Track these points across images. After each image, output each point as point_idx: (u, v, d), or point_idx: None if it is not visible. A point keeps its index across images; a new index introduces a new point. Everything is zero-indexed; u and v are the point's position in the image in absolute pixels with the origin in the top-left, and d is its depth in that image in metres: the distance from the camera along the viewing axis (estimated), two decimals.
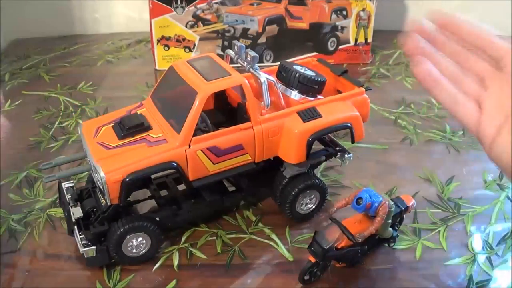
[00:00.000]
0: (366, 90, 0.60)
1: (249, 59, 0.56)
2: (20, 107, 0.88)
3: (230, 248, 0.58)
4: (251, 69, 0.57)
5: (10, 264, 0.56)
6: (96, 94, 0.92)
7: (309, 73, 0.59)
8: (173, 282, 0.53)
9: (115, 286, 0.53)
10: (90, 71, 1.02)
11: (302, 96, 0.58)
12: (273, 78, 0.57)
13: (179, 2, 0.96)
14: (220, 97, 0.61)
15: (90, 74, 1.00)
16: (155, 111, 0.56)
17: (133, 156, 0.51)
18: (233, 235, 0.60)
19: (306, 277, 0.52)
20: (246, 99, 0.54)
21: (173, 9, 0.97)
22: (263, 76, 0.55)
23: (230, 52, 0.60)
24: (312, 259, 0.51)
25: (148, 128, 0.54)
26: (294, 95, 0.59)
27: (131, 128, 0.53)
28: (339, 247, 0.51)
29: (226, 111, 0.61)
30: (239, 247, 0.58)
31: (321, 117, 0.55)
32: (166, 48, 1.00)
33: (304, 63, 0.63)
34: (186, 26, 0.99)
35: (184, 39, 1.00)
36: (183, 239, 0.59)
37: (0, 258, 0.50)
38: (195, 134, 0.52)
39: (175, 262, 0.56)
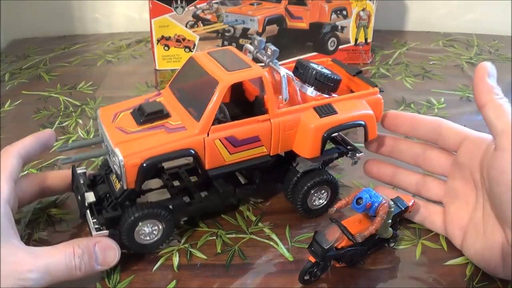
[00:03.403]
0: (380, 91, 0.61)
1: (269, 53, 0.58)
2: (20, 107, 0.89)
3: (230, 248, 0.58)
4: (270, 63, 0.58)
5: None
6: (96, 94, 0.92)
7: (326, 71, 0.59)
8: (173, 283, 0.53)
9: (115, 286, 0.53)
10: (90, 71, 1.02)
11: (318, 93, 0.59)
12: (291, 74, 0.58)
13: (179, 2, 0.96)
14: (237, 90, 0.62)
15: (90, 74, 1.00)
16: (174, 100, 0.57)
17: (152, 141, 0.52)
18: (233, 235, 0.60)
19: (306, 277, 0.52)
20: (265, 92, 0.54)
21: (173, 9, 0.97)
22: (283, 70, 0.56)
23: (249, 47, 0.61)
24: (312, 259, 0.51)
25: (167, 115, 0.55)
26: (310, 91, 0.59)
27: (150, 114, 0.54)
28: (339, 247, 0.51)
29: (242, 104, 0.61)
30: (239, 247, 0.58)
31: (337, 113, 0.56)
32: (166, 48, 1.00)
33: (318, 63, 0.64)
34: (186, 26, 0.99)
35: (184, 39, 1.00)
36: (183, 240, 0.59)
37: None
38: (212, 124, 0.53)
39: (175, 262, 0.56)
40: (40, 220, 0.62)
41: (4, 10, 1.16)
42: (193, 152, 0.52)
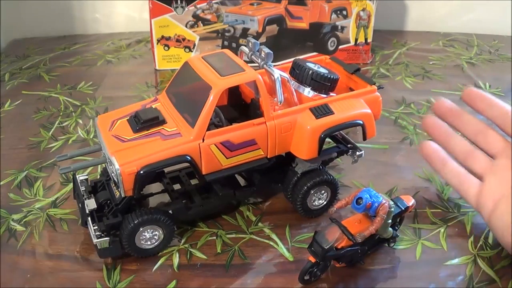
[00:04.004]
0: (378, 88, 0.61)
1: (263, 56, 0.57)
2: (20, 107, 0.88)
3: (230, 248, 0.58)
4: (265, 66, 0.58)
5: (10, 264, 0.56)
6: (96, 94, 0.92)
7: (322, 70, 0.59)
8: (173, 283, 0.53)
9: (115, 286, 0.53)
10: (90, 71, 1.02)
11: (315, 93, 0.59)
12: (286, 75, 0.58)
13: (179, 2, 0.96)
14: (234, 93, 0.62)
15: (90, 74, 1.00)
16: (170, 106, 0.57)
17: (147, 149, 0.52)
18: (233, 235, 0.60)
19: (306, 277, 0.52)
20: (260, 95, 0.54)
21: (173, 9, 0.97)
22: (277, 73, 0.56)
23: (245, 49, 0.61)
24: (312, 259, 0.51)
25: (162, 122, 0.55)
26: (307, 92, 0.59)
27: (146, 121, 0.54)
28: (339, 247, 0.51)
29: (240, 107, 0.62)
30: (239, 247, 0.58)
31: (334, 113, 0.56)
32: (166, 48, 1.00)
33: (317, 61, 0.64)
34: (186, 26, 0.99)
35: (184, 39, 1.00)
36: (183, 240, 0.59)
37: (0, 258, 0.50)
38: (208, 129, 0.53)
39: (175, 263, 0.56)
40: (40, 220, 0.62)
41: (4, 10, 1.16)
42: (189, 158, 0.52)
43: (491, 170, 0.58)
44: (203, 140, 0.53)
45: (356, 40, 1.03)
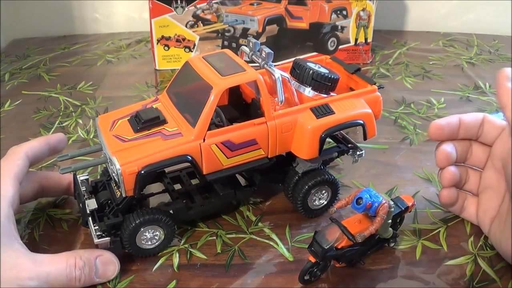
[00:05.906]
0: (378, 88, 0.61)
1: (264, 56, 0.57)
2: (20, 107, 0.88)
3: (230, 248, 0.58)
4: (265, 66, 0.58)
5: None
6: (96, 94, 0.92)
7: (323, 70, 0.59)
8: (173, 283, 0.53)
9: (115, 286, 0.53)
10: (90, 71, 1.02)
11: (316, 93, 0.59)
12: (287, 75, 0.58)
13: (179, 2, 0.96)
14: (234, 93, 0.62)
15: (90, 74, 1.00)
16: (171, 106, 0.57)
17: (148, 149, 0.52)
18: (233, 235, 0.60)
19: (306, 277, 0.52)
20: (260, 95, 0.54)
21: (173, 9, 0.97)
22: (278, 73, 0.56)
23: (245, 49, 0.61)
24: (312, 259, 0.51)
25: (163, 121, 0.55)
26: (308, 92, 0.59)
27: (147, 121, 0.54)
28: (339, 247, 0.51)
29: (240, 107, 0.62)
30: (239, 247, 0.58)
31: (334, 113, 0.56)
32: (166, 48, 1.00)
33: (317, 61, 0.64)
34: (186, 26, 0.99)
35: (184, 39, 1.00)
36: (183, 240, 0.59)
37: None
38: (209, 129, 0.53)
39: (175, 263, 0.56)
40: (40, 220, 0.62)
41: (4, 10, 1.16)
42: (189, 158, 0.52)
43: (481, 186, 0.58)
44: (204, 140, 0.53)
45: (356, 40, 1.03)
